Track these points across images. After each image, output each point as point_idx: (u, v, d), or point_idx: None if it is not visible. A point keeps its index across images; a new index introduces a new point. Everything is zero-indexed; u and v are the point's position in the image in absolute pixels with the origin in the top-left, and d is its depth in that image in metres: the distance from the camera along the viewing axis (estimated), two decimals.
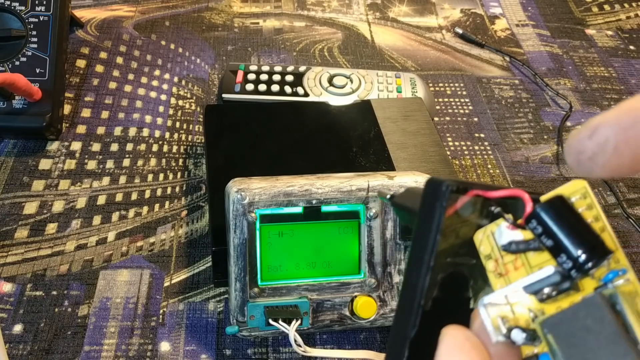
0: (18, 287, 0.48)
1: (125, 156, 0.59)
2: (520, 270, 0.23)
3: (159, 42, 0.74)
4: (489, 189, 0.24)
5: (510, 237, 0.23)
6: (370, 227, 0.43)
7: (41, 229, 0.52)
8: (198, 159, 0.60)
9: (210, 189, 0.50)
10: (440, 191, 0.23)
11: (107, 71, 0.68)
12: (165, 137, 0.62)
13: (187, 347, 0.46)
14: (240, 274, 0.42)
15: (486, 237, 0.24)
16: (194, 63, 0.72)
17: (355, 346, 0.47)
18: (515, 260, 0.24)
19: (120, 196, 0.56)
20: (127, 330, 0.46)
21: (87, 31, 0.74)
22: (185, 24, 0.78)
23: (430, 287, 0.23)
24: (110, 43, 0.72)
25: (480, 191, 0.24)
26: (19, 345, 0.45)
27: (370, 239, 0.43)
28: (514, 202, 0.24)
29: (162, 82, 0.68)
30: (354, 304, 0.43)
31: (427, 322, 0.24)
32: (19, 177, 0.56)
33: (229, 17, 0.80)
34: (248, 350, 0.46)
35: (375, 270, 0.43)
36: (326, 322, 0.43)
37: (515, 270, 0.23)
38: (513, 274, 0.24)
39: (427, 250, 0.23)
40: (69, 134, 0.61)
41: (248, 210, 0.41)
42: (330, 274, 0.43)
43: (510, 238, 0.23)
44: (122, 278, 0.50)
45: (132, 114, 0.64)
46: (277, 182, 0.42)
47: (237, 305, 0.42)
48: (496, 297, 0.23)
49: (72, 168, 0.58)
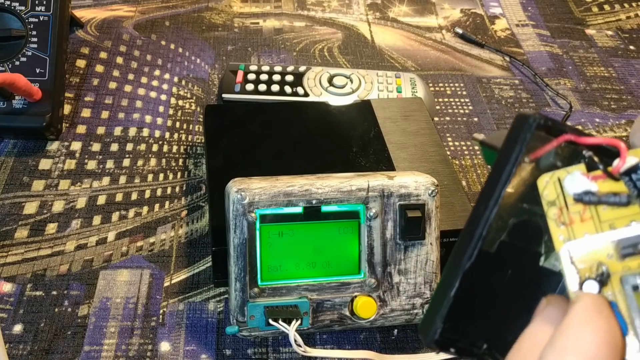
0: (18, 287, 0.48)
1: (125, 156, 0.59)
2: (587, 223, 0.22)
3: (159, 42, 0.74)
4: (581, 135, 0.23)
5: (587, 186, 0.22)
6: (370, 227, 0.43)
7: (41, 229, 0.52)
8: (198, 159, 0.60)
9: (210, 189, 0.50)
10: (527, 123, 0.22)
11: (107, 71, 0.68)
12: (165, 137, 0.62)
13: (187, 347, 0.46)
14: (240, 274, 0.42)
15: (552, 183, 0.23)
16: (194, 63, 0.72)
17: (355, 346, 0.47)
18: (583, 212, 0.22)
19: (120, 196, 0.56)
20: (127, 330, 0.46)
21: (87, 31, 0.74)
22: (185, 24, 0.78)
23: (497, 224, 0.22)
24: (110, 43, 0.72)
25: (573, 136, 0.23)
26: (19, 345, 0.45)
27: (370, 239, 0.43)
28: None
29: (162, 82, 0.68)
30: (354, 304, 0.43)
31: (489, 265, 0.23)
32: (19, 177, 0.56)
33: (229, 17, 0.80)
34: (248, 350, 0.46)
35: (375, 270, 0.43)
36: (326, 322, 0.43)
37: (582, 222, 0.22)
38: (578, 226, 0.22)
39: (501, 181, 0.22)
40: (69, 134, 0.61)
41: (248, 210, 0.41)
42: (330, 274, 0.43)
43: (587, 187, 0.22)
44: (122, 278, 0.50)
45: (132, 114, 0.64)
46: (277, 182, 0.42)
47: (237, 305, 0.42)
48: (580, 246, 0.22)
49: (72, 168, 0.58)
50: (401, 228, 0.43)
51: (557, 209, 0.23)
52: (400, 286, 0.44)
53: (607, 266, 0.22)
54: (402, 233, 0.43)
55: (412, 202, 0.43)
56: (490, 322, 0.24)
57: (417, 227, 0.43)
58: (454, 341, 0.23)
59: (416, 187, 0.44)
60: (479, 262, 0.23)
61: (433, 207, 0.44)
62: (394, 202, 0.43)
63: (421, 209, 0.43)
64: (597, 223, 0.22)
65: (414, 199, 0.44)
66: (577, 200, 0.22)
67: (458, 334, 0.23)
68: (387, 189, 0.43)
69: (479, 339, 0.24)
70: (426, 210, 0.44)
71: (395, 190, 0.43)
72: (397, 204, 0.43)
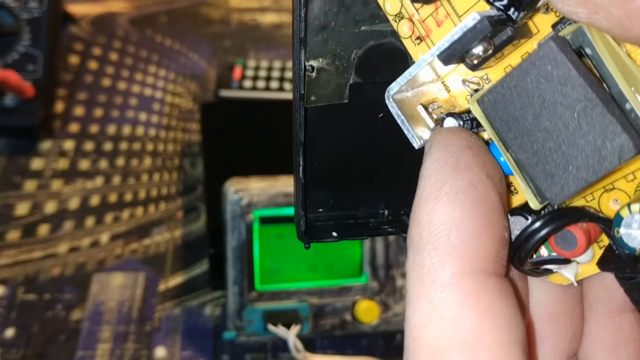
0: (10, 290, 0.48)
1: (119, 155, 0.59)
2: (445, 25, 0.17)
3: (154, 38, 0.73)
4: None
5: None
6: None
7: (33, 231, 0.52)
8: (194, 158, 0.59)
9: (207, 189, 0.50)
10: None
11: (101, 68, 0.68)
12: (161, 136, 0.61)
13: (184, 352, 0.45)
14: (238, 277, 0.42)
15: None
16: (190, 59, 0.71)
17: (357, 352, 0.46)
18: (435, 13, 0.17)
19: (114, 197, 0.55)
20: (121, 334, 0.46)
21: (81, 27, 0.73)
22: (181, 19, 0.77)
23: (329, 66, 0.18)
24: (105, 39, 0.72)
25: None
26: (11, 350, 0.45)
27: (373, 241, 0.43)
28: None
29: (158, 79, 0.68)
30: (356, 308, 0.43)
31: (344, 120, 0.19)
32: (10, 177, 0.56)
33: (226, 12, 0.80)
34: (246, 355, 0.46)
35: (377, 273, 0.43)
36: (327, 327, 0.43)
37: (439, 27, 0.17)
38: (437, 34, 0.17)
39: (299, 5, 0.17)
40: (61, 132, 0.60)
41: (246, 212, 0.42)
42: (331, 277, 0.43)
43: None
44: (116, 281, 0.49)
45: (126, 111, 0.63)
46: (276, 182, 0.42)
47: (234, 310, 0.42)
48: (414, 75, 0.17)
49: (65, 168, 0.57)
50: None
51: (407, 22, 0.18)
52: (403, 290, 0.44)
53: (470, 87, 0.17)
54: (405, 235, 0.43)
55: None
56: (381, 184, 0.20)
57: None
58: (336, 221, 0.20)
59: None
60: (321, 122, 0.19)
61: None
62: None
63: None
64: (456, 20, 0.17)
65: None
66: (418, 1, 0.17)
67: (335, 211, 0.20)
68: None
69: (376, 206, 0.20)
70: None
71: None
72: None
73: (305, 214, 0.20)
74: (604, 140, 0.14)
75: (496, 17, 0.15)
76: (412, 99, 0.17)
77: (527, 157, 0.16)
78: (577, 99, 0.14)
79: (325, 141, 0.19)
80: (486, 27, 0.15)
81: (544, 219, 0.17)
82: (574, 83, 0.14)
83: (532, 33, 0.16)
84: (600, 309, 0.20)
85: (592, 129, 0.14)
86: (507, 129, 0.16)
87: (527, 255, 0.18)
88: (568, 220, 0.17)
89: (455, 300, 0.15)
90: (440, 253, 0.16)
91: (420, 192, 0.16)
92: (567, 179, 0.15)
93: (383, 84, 0.17)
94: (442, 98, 0.18)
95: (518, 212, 0.18)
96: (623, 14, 0.13)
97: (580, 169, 0.15)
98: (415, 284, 0.16)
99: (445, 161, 0.16)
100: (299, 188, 0.19)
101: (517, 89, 0.15)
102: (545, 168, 0.15)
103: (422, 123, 0.17)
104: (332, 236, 0.20)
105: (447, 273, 0.16)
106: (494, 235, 0.16)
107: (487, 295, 0.15)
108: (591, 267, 0.19)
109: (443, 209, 0.16)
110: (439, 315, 0.16)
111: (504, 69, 0.17)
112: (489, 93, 0.16)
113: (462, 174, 0.16)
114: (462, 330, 0.15)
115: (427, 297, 0.16)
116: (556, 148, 0.15)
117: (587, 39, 0.15)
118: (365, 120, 0.19)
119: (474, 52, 0.16)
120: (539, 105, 0.15)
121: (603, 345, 0.20)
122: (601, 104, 0.14)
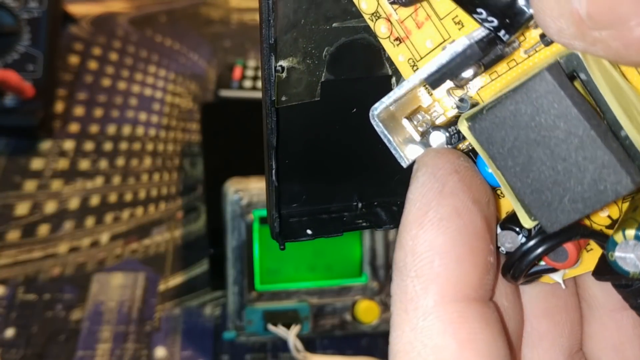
0: (10, 290, 0.48)
1: (119, 155, 0.59)
2: (426, 27, 0.16)
3: (154, 38, 0.73)
4: None
5: None
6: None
7: (33, 231, 0.52)
8: (194, 158, 0.59)
9: (207, 189, 0.49)
10: None
11: (101, 68, 0.68)
12: (161, 136, 0.61)
13: (183, 352, 0.45)
14: (238, 277, 0.42)
15: None
16: (190, 59, 0.71)
17: (357, 352, 0.46)
18: (415, 14, 0.17)
19: (114, 197, 0.55)
20: (121, 334, 0.46)
21: (81, 27, 0.73)
22: (181, 19, 0.77)
23: (299, 64, 0.18)
24: (105, 39, 0.71)
25: None
26: (11, 350, 0.45)
27: (373, 241, 0.43)
28: None
29: (158, 79, 0.68)
30: (356, 308, 0.43)
31: (317, 117, 0.18)
32: (10, 177, 0.56)
33: (226, 12, 0.80)
34: (246, 355, 0.46)
35: (377, 273, 0.43)
36: (327, 327, 0.43)
37: (419, 29, 0.17)
38: (417, 36, 0.17)
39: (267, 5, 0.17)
40: (61, 132, 0.60)
41: (246, 212, 0.42)
42: (331, 277, 0.43)
43: None
44: (116, 281, 0.49)
45: (126, 111, 0.63)
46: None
47: (234, 310, 0.42)
48: (399, 90, 0.17)
49: (65, 168, 0.57)
50: None
51: (385, 22, 0.17)
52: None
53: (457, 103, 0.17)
54: None
55: None
56: (354, 177, 0.20)
57: None
58: (310, 216, 0.20)
59: None
60: (293, 120, 0.18)
61: None
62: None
63: None
64: (437, 22, 0.16)
65: None
66: (395, 2, 0.16)
67: (309, 206, 0.20)
68: None
69: (350, 199, 0.20)
70: None
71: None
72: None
73: (279, 215, 0.20)
74: (600, 174, 0.14)
75: (485, 39, 0.15)
76: (395, 112, 0.17)
77: (521, 186, 0.15)
78: (574, 133, 0.14)
79: (297, 138, 0.19)
80: (476, 53, 0.15)
81: (537, 238, 0.17)
82: (570, 116, 0.14)
83: (519, 43, 0.16)
84: (600, 308, 0.20)
85: (589, 163, 0.14)
86: (501, 158, 0.15)
87: (520, 274, 0.18)
88: (562, 239, 0.17)
89: (437, 329, 0.16)
90: (423, 280, 0.16)
91: (406, 217, 0.16)
92: (562, 209, 0.15)
93: (356, 80, 0.17)
94: (425, 105, 0.17)
95: (508, 227, 0.18)
96: (620, 45, 0.13)
97: (576, 201, 0.15)
98: (399, 310, 0.17)
99: (430, 186, 0.16)
100: (272, 190, 0.19)
101: (510, 120, 0.15)
102: (540, 197, 0.15)
103: (407, 136, 0.17)
104: (306, 234, 0.20)
105: (430, 301, 0.16)
106: (477, 262, 0.16)
107: (468, 324, 0.16)
108: (578, 269, 0.19)
109: (427, 235, 0.16)
110: (421, 344, 0.16)
111: (489, 75, 0.17)
112: (480, 120, 0.15)
113: (446, 199, 0.16)
114: (443, 359, 0.15)
115: (410, 325, 0.16)
116: (552, 179, 0.15)
117: (581, 63, 0.15)
118: (337, 115, 0.19)
119: (464, 76, 0.15)
120: (534, 137, 0.15)
121: (608, 344, 0.20)
122: (598, 138, 0.14)
